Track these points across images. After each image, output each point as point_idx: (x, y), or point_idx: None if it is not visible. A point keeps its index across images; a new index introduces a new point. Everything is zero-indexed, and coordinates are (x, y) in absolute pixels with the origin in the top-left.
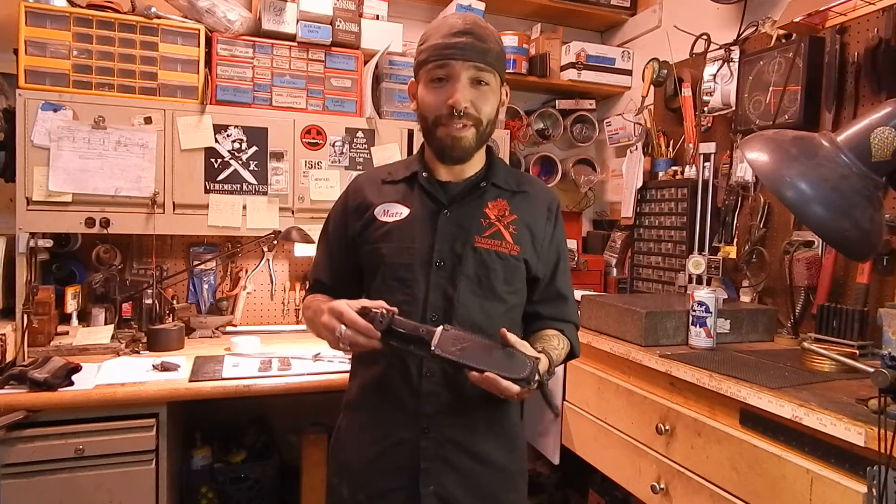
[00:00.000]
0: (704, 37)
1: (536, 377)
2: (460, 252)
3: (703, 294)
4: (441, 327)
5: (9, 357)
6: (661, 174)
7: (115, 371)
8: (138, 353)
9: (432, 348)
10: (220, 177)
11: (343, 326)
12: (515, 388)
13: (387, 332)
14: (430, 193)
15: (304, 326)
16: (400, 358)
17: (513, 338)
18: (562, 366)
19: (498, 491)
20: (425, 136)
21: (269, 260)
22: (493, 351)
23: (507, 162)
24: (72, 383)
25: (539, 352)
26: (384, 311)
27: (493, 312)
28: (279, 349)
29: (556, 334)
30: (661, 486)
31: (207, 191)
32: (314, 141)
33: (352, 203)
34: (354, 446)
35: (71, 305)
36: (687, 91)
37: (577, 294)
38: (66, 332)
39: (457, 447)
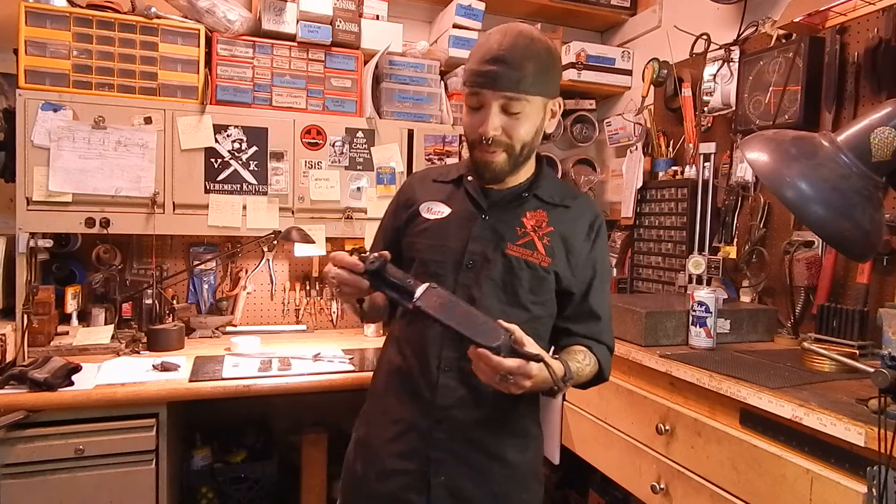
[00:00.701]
0: (704, 37)
1: (517, 350)
2: (491, 256)
3: (703, 294)
4: (427, 284)
5: (9, 357)
6: (661, 174)
7: (115, 371)
8: (138, 353)
9: (415, 299)
10: (220, 177)
11: (335, 268)
12: (508, 363)
13: (376, 275)
14: (472, 197)
15: (304, 326)
16: (422, 349)
17: (519, 333)
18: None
19: (509, 489)
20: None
21: (269, 260)
22: (472, 317)
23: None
24: (72, 383)
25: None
26: (377, 255)
27: (515, 319)
28: (279, 349)
29: (583, 350)
30: (662, 485)
31: (207, 191)
32: (314, 141)
33: (403, 196)
34: (373, 427)
35: (71, 305)
36: (687, 91)
37: None
38: (66, 332)
39: (468, 442)
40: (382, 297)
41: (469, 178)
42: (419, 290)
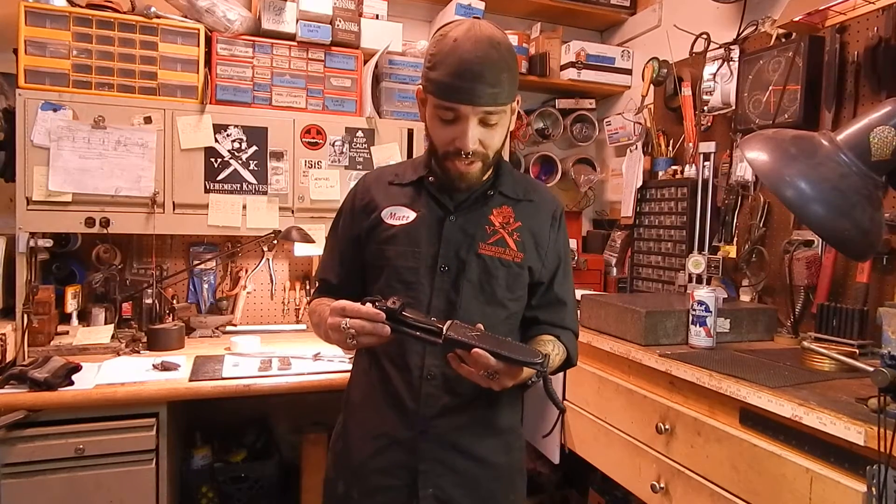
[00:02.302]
0: (704, 36)
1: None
2: (464, 258)
3: (702, 293)
4: (451, 320)
5: (9, 357)
6: (660, 173)
7: (115, 371)
8: (138, 352)
9: (445, 332)
10: (220, 176)
11: (348, 319)
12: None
13: (395, 320)
14: (437, 199)
15: (304, 326)
16: (402, 358)
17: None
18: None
19: (497, 492)
20: (432, 156)
21: (269, 259)
22: (503, 341)
23: (507, 161)
24: (72, 383)
25: None
26: (394, 299)
27: (493, 318)
28: (279, 349)
29: (552, 340)
30: (661, 485)
31: (207, 190)
32: (314, 140)
33: (359, 202)
34: (353, 443)
35: (71, 305)
36: (687, 90)
37: (578, 294)
38: (67, 332)
39: (455, 449)
40: None
41: (430, 178)
42: (446, 325)
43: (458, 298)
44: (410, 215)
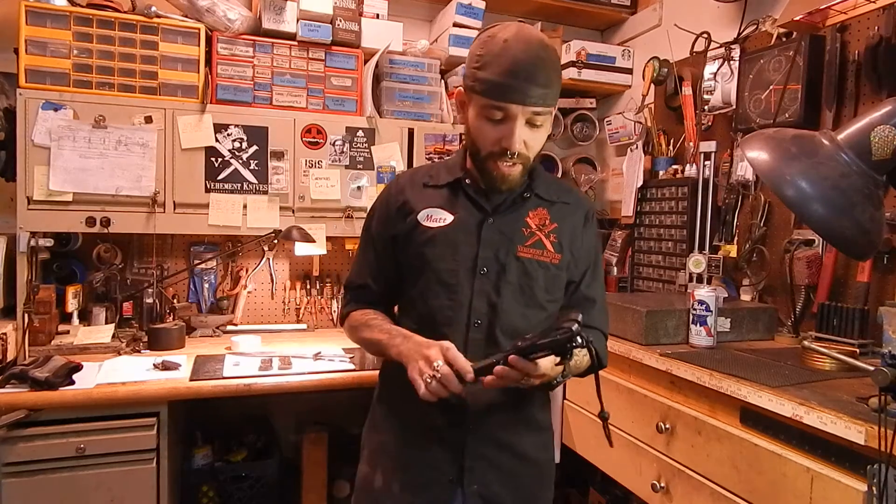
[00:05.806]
0: (705, 35)
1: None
2: (504, 260)
3: (703, 293)
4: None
5: (10, 356)
6: (661, 173)
7: (115, 370)
8: (139, 352)
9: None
10: (221, 176)
11: (441, 361)
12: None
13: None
14: (475, 201)
15: (304, 325)
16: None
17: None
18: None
19: (535, 488)
20: (472, 158)
21: (269, 259)
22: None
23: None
24: (73, 382)
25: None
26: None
27: (533, 320)
28: (280, 348)
29: None
30: (662, 484)
31: (208, 190)
32: (314, 140)
33: (394, 204)
34: (396, 437)
35: (72, 304)
36: (687, 90)
37: None
38: (67, 332)
39: (499, 446)
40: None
41: (467, 180)
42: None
43: (498, 300)
44: (448, 217)
